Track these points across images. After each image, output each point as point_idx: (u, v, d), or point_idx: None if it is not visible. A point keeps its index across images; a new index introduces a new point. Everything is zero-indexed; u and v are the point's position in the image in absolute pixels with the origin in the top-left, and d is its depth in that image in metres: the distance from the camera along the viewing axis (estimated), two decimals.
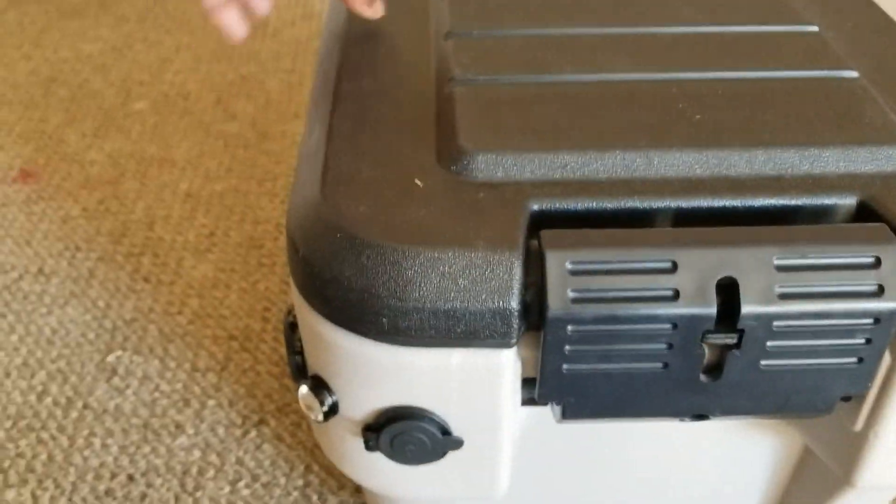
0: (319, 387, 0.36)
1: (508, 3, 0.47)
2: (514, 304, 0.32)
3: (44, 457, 0.60)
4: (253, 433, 0.62)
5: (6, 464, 0.60)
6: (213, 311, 0.72)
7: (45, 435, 0.62)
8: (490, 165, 0.35)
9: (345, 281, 0.32)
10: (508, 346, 0.33)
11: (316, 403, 0.36)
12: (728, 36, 0.44)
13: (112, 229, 0.81)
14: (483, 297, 0.31)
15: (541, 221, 0.34)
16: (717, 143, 0.36)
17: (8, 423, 0.62)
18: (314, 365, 0.36)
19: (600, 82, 0.40)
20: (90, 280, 0.75)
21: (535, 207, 0.34)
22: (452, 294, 0.31)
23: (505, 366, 0.33)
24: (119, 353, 0.68)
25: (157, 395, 0.65)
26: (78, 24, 1.16)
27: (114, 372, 0.66)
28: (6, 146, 0.92)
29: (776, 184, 0.35)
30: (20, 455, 0.60)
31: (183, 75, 1.04)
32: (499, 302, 0.31)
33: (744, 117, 0.38)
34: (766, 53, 0.43)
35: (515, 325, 0.32)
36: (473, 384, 0.33)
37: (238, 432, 0.62)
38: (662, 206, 0.35)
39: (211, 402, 0.64)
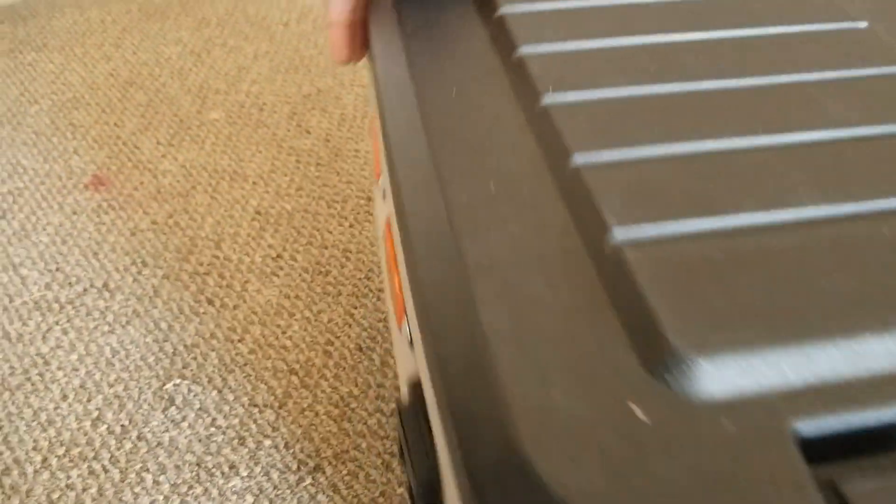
0: None
1: (636, 109, 0.35)
2: None
3: (94, 490, 0.58)
4: (308, 481, 0.59)
5: (56, 495, 0.58)
6: (275, 341, 0.69)
7: (97, 466, 0.60)
8: (724, 375, 0.25)
9: None
10: None
11: None
12: None
13: (180, 245, 0.79)
14: None
15: (810, 452, 0.24)
16: None
17: (61, 451, 0.61)
18: None
19: (796, 224, 0.29)
20: (154, 299, 0.73)
21: (805, 433, 0.24)
22: None
23: None
24: (178, 381, 0.66)
25: (212, 430, 0.62)
26: (159, 25, 1.16)
27: (171, 401, 0.64)
28: (80, 150, 0.92)
29: None
30: (70, 487, 0.58)
31: (259, 85, 1.02)
32: None
33: None
34: None
35: None
36: None
37: (293, 478, 0.59)
38: None
39: (267, 443, 0.61)
